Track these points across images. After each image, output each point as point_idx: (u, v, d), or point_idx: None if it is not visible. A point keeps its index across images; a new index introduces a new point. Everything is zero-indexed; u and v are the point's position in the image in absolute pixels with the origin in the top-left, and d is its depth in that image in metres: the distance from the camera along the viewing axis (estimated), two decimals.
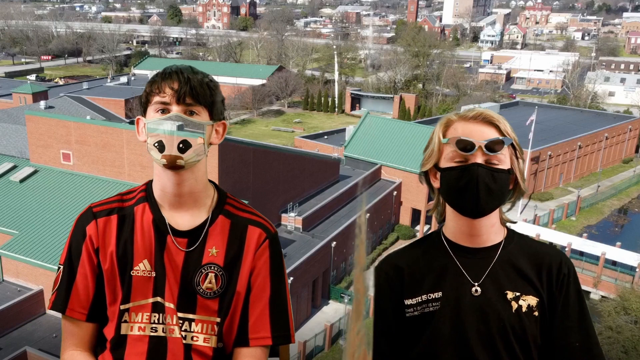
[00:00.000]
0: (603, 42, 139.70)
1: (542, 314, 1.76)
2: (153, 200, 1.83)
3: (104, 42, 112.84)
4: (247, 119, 78.61)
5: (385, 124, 52.64)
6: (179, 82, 1.71)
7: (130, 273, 1.78)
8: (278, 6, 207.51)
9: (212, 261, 1.80)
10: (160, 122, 1.71)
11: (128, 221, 1.82)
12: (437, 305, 1.79)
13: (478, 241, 1.81)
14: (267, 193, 35.61)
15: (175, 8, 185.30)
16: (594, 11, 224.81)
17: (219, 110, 1.80)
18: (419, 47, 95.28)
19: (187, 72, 1.73)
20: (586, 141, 58.80)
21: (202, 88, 1.73)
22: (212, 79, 1.80)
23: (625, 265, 38.79)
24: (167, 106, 1.72)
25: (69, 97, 63.70)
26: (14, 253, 28.98)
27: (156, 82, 1.73)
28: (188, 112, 1.72)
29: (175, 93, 1.71)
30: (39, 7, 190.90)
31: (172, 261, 1.78)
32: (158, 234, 1.80)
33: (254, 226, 1.85)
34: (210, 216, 1.83)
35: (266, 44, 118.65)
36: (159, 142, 1.71)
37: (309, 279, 33.18)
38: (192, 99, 1.72)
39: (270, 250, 1.85)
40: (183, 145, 1.70)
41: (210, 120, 1.77)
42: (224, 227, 1.84)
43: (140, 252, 1.79)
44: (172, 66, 1.76)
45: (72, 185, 33.65)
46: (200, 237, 1.81)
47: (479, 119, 1.76)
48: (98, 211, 1.84)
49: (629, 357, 27.17)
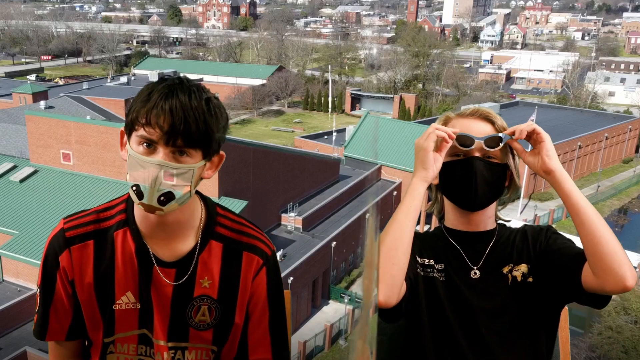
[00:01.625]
0: (603, 42, 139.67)
1: (537, 278, 1.81)
2: (134, 226, 1.62)
3: (104, 42, 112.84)
4: (247, 119, 78.62)
5: (385, 124, 52.65)
6: (171, 121, 1.43)
7: (112, 307, 1.63)
8: (278, 6, 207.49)
9: (204, 293, 1.64)
10: (142, 164, 1.46)
11: (107, 248, 1.63)
12: (441, 276, 1.85)
13: (475, 227, 1.88)
14: (267, 193, 35.60)
15: (175, 8, 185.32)
16: (594, 11, 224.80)
17: (216, 145, 1.55)
18: (419, 47, 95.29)
19: (184, 106, 1.43)
20: (586, 141, 58.80)
21: (197, 128, 1.45)
22: (213, 106, 1.50)
23: None
24: (153, 143, 1.46)
25: (69, 97, 63.67)
26: (14, 253, 28.99)
27: (145, 109, 1.45)
28: (177, 152, 1.48)
29: (164, 135, 1.44)
30: (39, 7, 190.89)
31: (160, 294, 1.62)
32: (142, 265, 1.62)
33: (250, 252, 1.67)
34: (200, 242, 1.64)
35: (266, 44, 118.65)
36: (136, 187, 1.48)
37: (309, 279, 33.18)
38: (184, 142, 1.46)
39: (268, 277, 1.70)
40: (164, 198, 1.48)
41: (203, 160, 1.53)
42: (216, 253, 1.66)
43: (123, 285, 1.62)
44: (167, 87, 1.46)
45: (72, 185, 33.67)
46: (190, 268, 1.63)
47: (476, 115, 1.83)
48: (72, 236, 1.63)
49: (629, 357, 27.19)
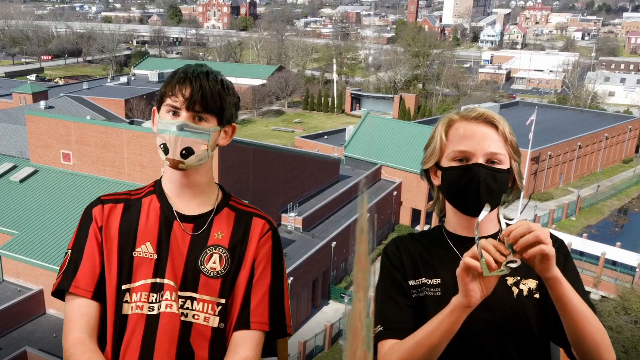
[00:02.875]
0: (603, 42, 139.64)
1: (543, 295, 1.78)
2: (161, 191, 1.93)
3: (104, 42, 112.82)
4: (247, 119, 78.61)
5: (385, 124, 52.65)
6: (191, 89, 1.78)
7: (131, 254, 1.84)
8: (278, 6, 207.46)
9: (217, 243, 1.87)
10: (168, 126, 1.80)
11: (133, 209, 1.90)
12: (436, 291, 1.82)
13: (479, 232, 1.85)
14: (267, 193, 35.61)
15: (175, 8, 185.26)
16: (594, 11, 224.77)
17: (228, 115, 1.88)
18: (419, 47, 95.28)
19: (201, 79, 1.80)
20: (586, 141, 58.79)
21: (212, 97, 1.80)
22: (226, 85, 1.86)
23: (625, 265, 38.79)
24: (177, 110, 1.81)
25: (69, 97, 63.62)
26: (14, 253, 28.98)
27: (171, 84, 1.81)
28: (197, 117, 1.82)
29: (185, 101, 1.79)
30: (39, 7, 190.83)
31: (178, 244, 1.85)
32: (164, 220, 1.88)
33: (258, 218, 1.95)
34: (216, 207, 1.93)
35: (266, 44, 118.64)
36: (164, 144, 1.81)
37: (309, 279, 33.18)
38: (201, 107, 1.80)
39: (273, 240, 1.93)
40: (186, 152, 1.80)
41: (218, 126, 1.86)
42: (229, 216, 1.93)
43: (144, 235, 1.86)
44: (190, 68, 1.83)
45: (72, 185, 33.65)
46: (206, 223, 1.89)
47: (480, 120, 1.80)
48: (106, 199, 1.93)
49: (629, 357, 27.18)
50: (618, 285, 36.57)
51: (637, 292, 32.01)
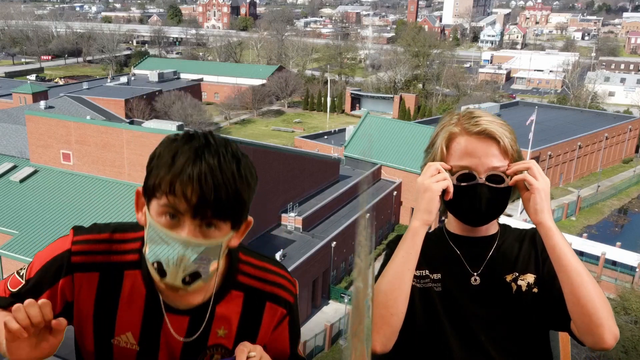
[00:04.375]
0: (603, 42, 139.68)
1: (542, 288, 1.80)
2: (146, 271, 1.44)
3: (104, 42, 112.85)
4: (247, 119, 78.64)
5: (385, 124, 52.66)
6: (200, 192, 1.26)
7: (110, 341, 1.49)
8: (278, 6, 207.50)
9: (219, 342, 1.51)
10: (165, 239, 1.31)
11: (113, 285, 1.48)
12: (437, 286, 1.84)
13: (477, 233, 1.88)
14: (267, 193, 35.59)
15: (175, 8, 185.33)
16: (594, 11, 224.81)
17: (246, 213, 1.38)
18: (419, 47, 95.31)
19: (214, 174, 1.27)
20: (586, 141, 58.81)
21: (228, 199, 1.29)
22: (245, 173, 1.34)
23: (625, 265, 38.80)
24: (178, 215, 1.30)
25: (69, 97, 63.65)
26: (14, 253, 29.00)
27: (170, 177, 1.27)
28: (206, 224, 1.31)
29: (191, 208, 1.28)
30: (39, 7, 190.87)
31: (169, 345, 1.49)
32: (151, 313, 1.48)
33: (273, 303, 1.54)
34: (219, 291, 1.49)
35: (266, 44, 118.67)
36: (158, 264, 1.33)
37: (309, 279, 33.17)
38: (213, 214, 1.30)
39: (290, 327, 1.60)
40: (189, 279, 1.34)
41: (232, 230, 1.36)
42: (237, 303, 1.51)
43: (124, 324, 1.48)
44: (194, 152, 1.28)
45: (72, 185, 33.66)
46: (206, 318, 1.48)
47: (482, 135, 1.77)
48: (77, 263, 1.46)
49: (629, 357, 27.16)
50: (618, 285, 36.55)
51: (637, 292, 31.99)
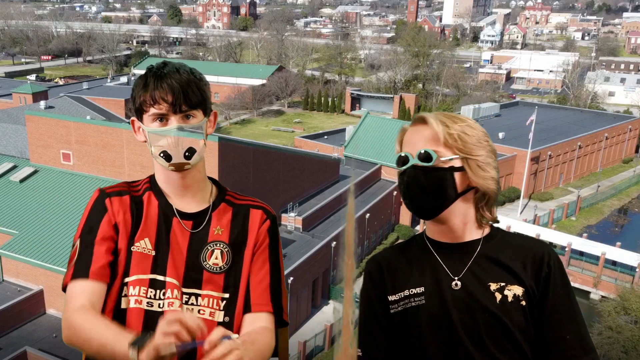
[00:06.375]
0: (603, 42, 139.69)
1: (530, 304, 1.75)
2: (158, 189, 1.93)
3: (104, 42, 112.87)
4: (247, 119, 78.61)
5: (385, 124, 52.66)
6: (172, 93, 1.76)
7: (130, 248, 1.85)
8: (278, 6, 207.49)
9: (217, 239, 1.90)
10: (163, 134, 1.80)
11: (138, 204, 1.91)
12: (420, 300, 1.81)
13: (455, 237, 1.83)
14: (267, 193, 35.58)
15: (175, 8, 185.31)
16: (594, 11, 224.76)
17: (209, 103, 1.88)
18: (419, 47, 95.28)
19: (177, 79, 1.77)
20: (586, 141, 58.80)
21: (193, 93, 1.79)
22: (198, 76, 1.84)
23: (625, 265, 38.79)
24: (164, 116, 1.79)
25: (69, 97, 63.66)
26: (14, 253, 29.00)
27: (148, 92, 1.78)
28: (185, 117, 1.80)
29: (171, 106, 1.77)
30: (39, 7, 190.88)
31: (178, 241, 1.87)
32: (164, 217, 1.89)
33: (256, 209, 1.98)
34: (213, 204, 1.95)
35: (266, 44, 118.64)
36: (164, 152, 1.81)
37: (309, 279, 33.17)
38: (187, 106, 1.79)
39: (271, 227, 1.98)
40: (189, 153, 1.81)
41: (205, 117, 1.86)
42: (227, 211, 1.96)
43: (143, 231, 1.87)
44: (159, 70, 1.80)
45: (72, 185, 33.66)
46: (205, 220, 1.91)
47: (416, 122, 1.81)
48: (110, 192, 1.92)
49: (629, 357, 27.17)
50: (618, 285, 36.57)
51: (637, 292, 31.99)
